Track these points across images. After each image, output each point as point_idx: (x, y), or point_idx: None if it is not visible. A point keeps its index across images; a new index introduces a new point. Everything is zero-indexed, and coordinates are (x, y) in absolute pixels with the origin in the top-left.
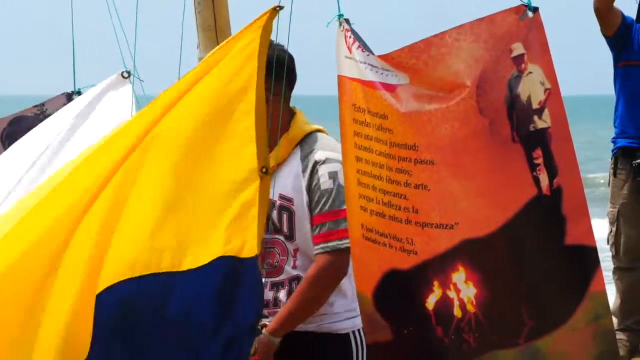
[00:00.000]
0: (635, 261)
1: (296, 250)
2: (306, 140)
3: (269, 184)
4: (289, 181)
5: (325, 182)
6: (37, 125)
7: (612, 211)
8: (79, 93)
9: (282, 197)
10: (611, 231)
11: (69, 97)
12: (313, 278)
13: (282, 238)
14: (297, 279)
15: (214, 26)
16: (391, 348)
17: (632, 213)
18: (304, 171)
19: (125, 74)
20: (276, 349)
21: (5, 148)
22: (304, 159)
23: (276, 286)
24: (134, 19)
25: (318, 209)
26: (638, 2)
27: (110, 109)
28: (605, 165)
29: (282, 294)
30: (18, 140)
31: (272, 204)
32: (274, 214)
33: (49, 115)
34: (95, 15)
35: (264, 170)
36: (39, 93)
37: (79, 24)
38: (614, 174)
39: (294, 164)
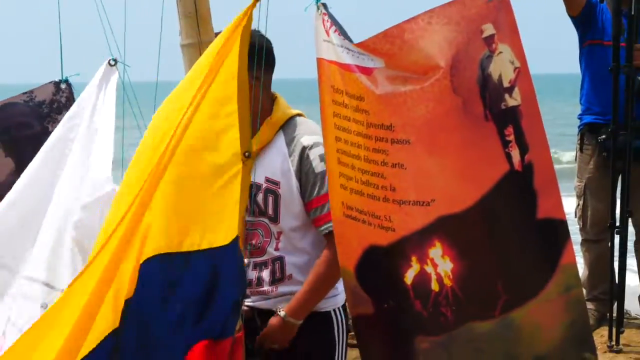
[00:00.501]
0: (602, 233)
1: (280, 233)
2: (289, 125)
3: (252, 167)
4: (277, 165)
5: (318, 166)
6: (27, 112)
7: (579, 185)
8: (66, 81)
9: (268, 180)
10: (578, 205)
11: (57, 85)
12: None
13: (266, 220)
14: (280, 259)
15: (194, 13)
16: (373, 320)
17: (598, 187)
18: (290, 155)
19: (112, 62)
20: (294, 328)
21: None
22: (290, 143)
23: (259, 266)
24: (121, 9)
25: (315, 191)
26: None
27: (101, 96)
28: (570, 142)
29: (265, 274)
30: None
31: (258, 187)
32: (260, 196)
33: (38, 102)
34: (83, 7)
35: (246, 154)
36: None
37: (66, 16)
38: (581, 150)
39: (280, 147)
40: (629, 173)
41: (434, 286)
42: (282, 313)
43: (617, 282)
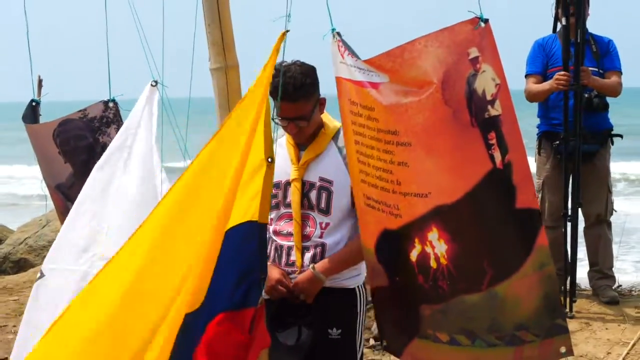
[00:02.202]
0: (557, 221)
1: (327, 224)
2: (337, 134)
3: (272, 171)
4: (331, 167)
5: None
6: (82, 126)
7: (537, 182)
8: (113, 100)
9: (322, 179)
10: (537, 198)
11: (106, 103)
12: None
13: (315, 213)
14: (322, 245)
15: (221, 42)
16: (387, 292)
17: (553, 183)
18: (344, 159)
19: (154, 83)
20: (322, 283)
21: (56, 144)
22: (341, 149)
23: (303, 249)
24: (160, 38)
25: None
26: (553, 14)
27: (146, 112)
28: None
29: (306, 257)
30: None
31: (312, 185)
32: (313, 193)
33: (90, 118)
34: (126, 35)
35: (269, 160)
36: (82, 99)
37: (114, 44)
38: (539, 153)
39: (334, 152)
40: (578, 172)
41: (433, 264)
42: (313, 268)
43: (570, 260)
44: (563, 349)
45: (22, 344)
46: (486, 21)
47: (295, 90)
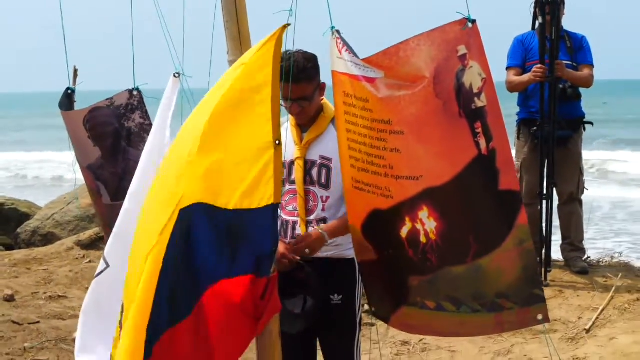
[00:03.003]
0: (534, 199)
1: (327, 197)
2: (334, 118)
3: (281, 152)
4: (330, 146)
5: None
6: (109, 113)
7: (516, 164)
8: (137, 89)
9: (322, 157)
10: (518, 181)
11: (130, 92)
12: None
13: (316, 188)
14: (324, 219)
15: (238, 36)
16: (376, 265)
17: (530, 165)
18: None
19: (176, 74)
20: (324, 242)
21: (86, 130)
22: None
23: (307, 224)
24: (181, 31)
25: None
26: (532, 13)
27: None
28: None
29: (310, 229)
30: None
31: (313, 162)
32: (314, 170)
33: (116, 106)
34: (150, 28)
35: (277, 142)
36: (108, 88)
37: (140, 38)
38: (518, 138)
39: (332, 134)
40: (553, 155)
41: (422, 239)
42: (320, 228)
43: (545, 234)
44: (540, 317)
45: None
46: (473, 22)
47: (298, 72)
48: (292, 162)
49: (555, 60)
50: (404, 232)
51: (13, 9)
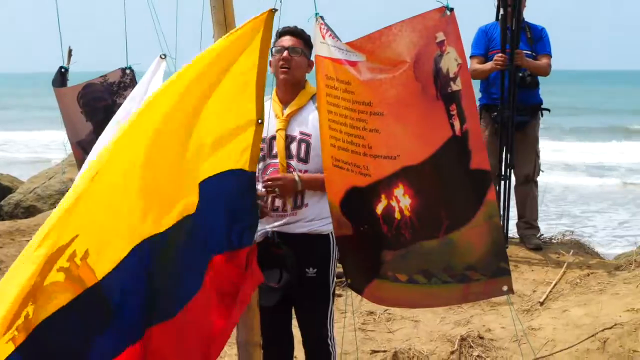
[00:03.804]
0: (493, 180)
1: (306, 171)
2: (314, 96)
3: (262, 130)
4: (309, 121)
5: None
6: (102, 89)
7: None
8: (130, 68)
9: (302, 133)
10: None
11: (123, 70)
12: None
13: (295, 162)
14: (301, 192)
15: (224, 22)
16: (352, 239)
17: (490, 148)
18: None
19: (163, 56)
20: (296, 188)
21: (80, 105)
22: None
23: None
24: (172, 15)
25: None
26: (495, 4)
27: (153, 81)
28: None
29: (289, 201)
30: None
31: (293, 137)
32: (294, 144)
33: (110, 83)
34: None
35: (259, 121)
36: (100, 69)
37: (131, 21)
38: (479, 121)
39: (310, 110)
40: (512, 139)
41: (397, 215)
42: (296, 174)
43: (502, 213)
44: (505, 287)
45: None
46: (451, 10)
47: (296, 29)
48: (272, 137)
49: (515, 49)
50: (379, 208)
51: None
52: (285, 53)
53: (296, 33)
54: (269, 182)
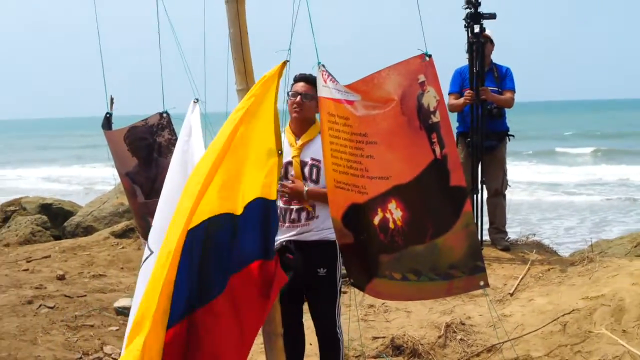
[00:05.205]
0: (468, 194)
1: None
2: None
3: (282, 160)
4: (319, 150)
5: None
6: (144, 130)
7: None
8: (166, 112)
9: (313, 159)
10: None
11: (161, 114)
12: None
13: (308, 183)
14: (313, 206)
15: (244, 70)
16: (353, 246)
17: (465, 167)
18: None
19: (195, 100)
20: (302, 196)
21: (126, 144)
22: None
23: (299, 210)
24: (202, 65)
25: None
26: (467, 38)
27: (192, 120)
28: None
29: (303, 214)
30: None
31: (305, 163)
32: (307, 169)
33: (150, 125)
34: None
35: (279, 152)
36: (140, 113)
37: (167, 71)
38: (456, 146)
39: (319, 141)
40: (482, 159)
41: (391, 225)
42: (306, 186)
43: (476, 221)
44: (482, 282)
45: None
46: (429, 56)
47: (310, 77)
48: (289, 163)
49: (481, 87)
50: (376, 220)
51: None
52: (299, 98)
53: (309, 80)
54: (283, 189)
